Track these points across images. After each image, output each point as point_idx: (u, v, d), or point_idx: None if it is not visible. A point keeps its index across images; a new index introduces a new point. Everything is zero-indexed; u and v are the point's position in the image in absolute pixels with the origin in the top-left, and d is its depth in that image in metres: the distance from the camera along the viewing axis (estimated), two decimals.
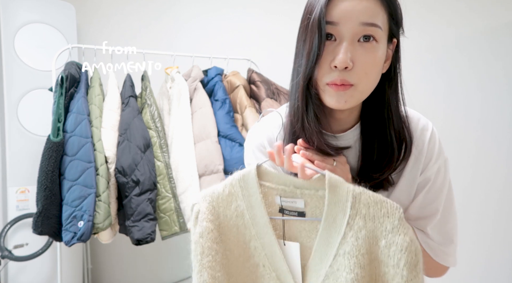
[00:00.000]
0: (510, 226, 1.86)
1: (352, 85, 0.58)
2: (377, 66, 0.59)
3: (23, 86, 1.87)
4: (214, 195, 0.63)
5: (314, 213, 0.59)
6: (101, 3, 2.34)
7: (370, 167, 0.66)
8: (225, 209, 0.62)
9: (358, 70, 0.57)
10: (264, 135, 0.73)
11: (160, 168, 1.58)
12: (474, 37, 1.86)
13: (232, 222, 0.62)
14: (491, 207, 1.88)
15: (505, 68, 1.82)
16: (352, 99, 0.60)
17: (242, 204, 0.62)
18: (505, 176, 1.85)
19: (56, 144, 1.43)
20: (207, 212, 0.61)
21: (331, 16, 0.57)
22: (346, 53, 0.56)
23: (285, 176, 0.61)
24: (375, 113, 0.66)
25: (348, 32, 0.57)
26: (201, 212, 0.62)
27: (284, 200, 0.60)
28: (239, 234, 0.62)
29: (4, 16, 1.84)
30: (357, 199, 0.54)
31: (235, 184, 0.62)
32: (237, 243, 0.62)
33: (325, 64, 0.59)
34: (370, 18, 0.56)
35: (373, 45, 0.58)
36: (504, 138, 1.85)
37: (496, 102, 1.85)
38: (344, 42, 0.57)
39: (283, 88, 1.92)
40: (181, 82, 1.71)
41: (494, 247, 1.89)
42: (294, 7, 2.19)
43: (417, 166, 0.68)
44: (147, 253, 2.17)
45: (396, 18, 0.61)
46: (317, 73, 0.60)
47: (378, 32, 0.57)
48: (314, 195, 0.58)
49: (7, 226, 1.76)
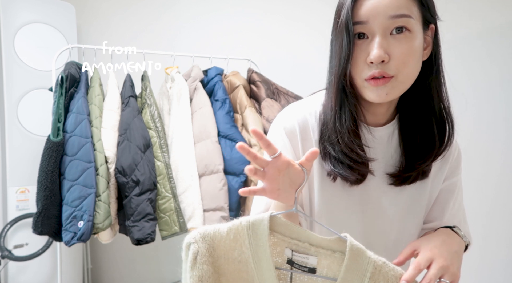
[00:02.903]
0: (504, 226, 1.86)
1: (393, 77, 0.58)
2: (414, 54, 0.59)
3: (23, 86, 1.87)
4: (216, 238, 0.58)
5: (326, 273, 0.56)
6: (101, 3, 2.34)
7: (414, 156, 0.67)
8: (227, 252, 0.58)
9: (396, 62, 0.58)
10: (296, 119, 0.70)
11: (160, 168, 1.58)
12: (468, 39, 1.86)
13: (233, 266, 0.58)
14: (484, 208, 1.88)
15: (499, 69, 1.82)
16: (394, 91, 0.60)
17: (248, 252, 0.57)
18: (498, 178, 1.86)
19: (56, 144, 1.44)
20: (208, 254, 0.57)
21: (359, 16, 0.58)
22: (379, 48, 0.57)
23: (301, 230, 0.57)
24: (415, 101, 0.66)
25: (378, 27, 0.57)
26: (201, 254, 0.56)
27: (296, 254, 0.58)
28: (241, 279, 0.58)
29: (4, 16, 1.84)
30: (377, 270, 0.53)
31: (242, 231, 0.57)
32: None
33: (361, 62, 0.59)
34: (398, 9, 0.56)
35: (407, 35, 0.58)
36: (498, 139, 1.85)
37: (490, 103, 1.85)
38: (376, 37, 0.58)
39: (283, 88, 1.92)
40: (181, 82, 1.71)
41: (490, 247, 1.89)
42: (294, 7, 2.20)
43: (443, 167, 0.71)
44: (147, 253, 2.17)
45: (426, 4, 0.60)
46: (353, 72, 0.61)
47: (409, 21, 0.57)
48: (330, 255, 0.56)
49: (7, 226, 1.77)
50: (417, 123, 0.66)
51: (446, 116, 0.66)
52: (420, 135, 0.66)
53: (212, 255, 0.57)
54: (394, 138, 0.69)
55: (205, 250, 0.57)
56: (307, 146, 0.69)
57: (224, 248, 0.58)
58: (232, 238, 0.57)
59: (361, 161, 0.65)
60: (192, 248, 0.57)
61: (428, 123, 0.65)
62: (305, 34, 2.15)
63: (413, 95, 0.66)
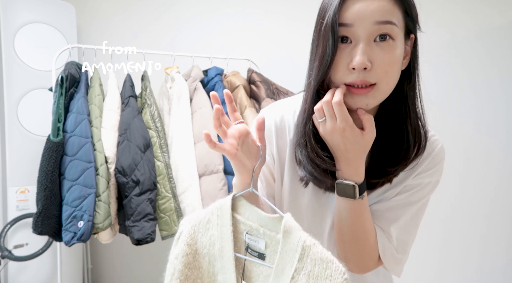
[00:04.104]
0: (504, 226, 1.86)
1: (374, 85, 0.58)
2: (396, 64, 0.59)
3: (23, 86, 1.87)
4: (198, 220, 0.62)
5: (272, 258, 0.56)
6: (101, 3, 2.34)
7: (382, 163, 0.66)
8: (203, 236, 0.61)
9: (378, 70, 0.57)
10: (274, 118, 0.71)
11: (160, 168, 1.58)
12: (468, 39, 1.86)
13: (205, 251, 0.60)
14: (482, 209, 1.88)
15: (499, 69, 1.82)
16: (374, 101, 0.60)
17: (216, 233, 0.60)
18: (498, 178, 1.86)
19: (56, 144, 1.44)
20: (188, 235, 0.61)
21: (345, 18, 0.57)
22: (363, 54, 0.56)
23: (256, 211, 0.58)
24: (392, 109, 0.65)
25: (363, 32, 0.56)
26: (182, 234, 0.61)
27: (249, 237, 0.58)
28: (210, 264, 0.60)
29: (4, 16, 1.84)
30: (306, 252, 0.51)
31: (214, 212, 0.61)
32: (207, 274, 0.61)
33: (342, 67, 0.58)
34: (384, 16, 0.56)
35: (390, 44, 0.57)
36: (497, 140, 1.85)
37: (490, 104, 1.85)
38: (360, 43, 0.57)
39: (283, 88, 1.92)
40: (181, 82, 1.71)
41: (490, 247, 1.89)
42: (294, 7, 2.20)
43: (415, 168, 0.68)
44: (147, 253, 2.17)
45: (411, 14, 0.60)
46: (333, 76, 0.60)
47: (394, 29, 0.57)
48: (273, 237, 0.56)
49: (7, 226, 1.77)
50: (390, 130, 0.66)
51: (421, 125, 0.66)
52: (392, 142, 0.65)
53: (192, 238, 0.61)
54: None
55: (186, 231, 0.61)
56: (282, 145, 0.70)
57: (201, 231, 0.61)
58: (207, 220, 0.61)
59: (323, 167, 0.64)
60: (179, 228, 0.63)
61: (404, 132, 0.65)
62: (305, 34, 2.14)
63: (388, 103, 0.65)
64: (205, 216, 0.61)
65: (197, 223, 0.61)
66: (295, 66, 2.23)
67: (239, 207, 0.60)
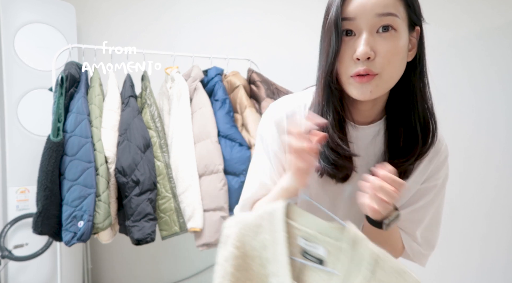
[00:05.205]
0: (504, 226, 1.86)
1: (377, 75, 0.60)
2: (399, 54, 0.60)
3: (23, 86, 1.87)
4: (246, 223, 0.63)
5: (335, 266, 0.57)
6: (101, 3, 2.34)
7: (397, 155, 0.68)
8: (252, 239, 0.62)
9: (381, 59, 0.59)
10: (285, 112, 0.72)
11: (160, 168, 1.58)
12: (468, 39, 1.86)
13: (256, 253, 0.61)
14: (483, 209, 1.88)
15: (499, 69, 1.82)
16: (378, 89, 0.61)
17: (268, 237, 0.61)
18: (498, 178, 1.86)
19: (56, 144, 1.43)
20: (236, 238, 0.62)
21: (348, 13, 0.60)
22: (366, 45, 0.58)
23: (312, 218, 0.59)
24: (400, 102, 0.67)
25: (365, 24, 0.59)
26: (230, 237, 0.62)
27: (307, 243, 0.59)
28: (261, 266, 0.61)
29: (4, 16, 1.84)
30: (378, 264, 0.52)
31: (265, 217, 0.62)
32: (258, 275, 0.62)
33: (347, 58, 0.61)
34: (384, 8, 0.58)
35: (393, 34, 0.59)
36: (497, 139, 1.85)
37: (490, 104, 1.85)
38: (363, 34, 0.59)
39: (283, 88, 1.92)
40: (181, 82, 1.71)
41: (490, 247, 1.89)
42: (294, 7, 2.20)
43: (426, 169, 0.71)
44: (147, 253, 2.17)
45: (412, 6, 0.62)
46: (339, 68, 0.62)
47: (395, 21, 0.59)
48: (334, 245, 0.57)
49: (7, 226, 1.76)
50: (402, 123, 0.67)
51: (429, 116, 0.68)
52: (404, 134, 0.67)
53: (240, 240, 0.62)
54: (379, 137, 0.70)
55: (234, 234, 0.62)
56: None
57: (250, 234, 0.62)
58: (256, 224, 0.62)
59: (344, 155, 0.66)
60: (224, 231, 0.64)
61: (412, 123, 0.67)
62: (305, 34, 2.15)
63: (398, 96, 0.67)
64: (254, 220, 0.62)
65: (244, 226, 0.62)
66: (295, 66, 2.23)
67: (293, 214, 0.61)
